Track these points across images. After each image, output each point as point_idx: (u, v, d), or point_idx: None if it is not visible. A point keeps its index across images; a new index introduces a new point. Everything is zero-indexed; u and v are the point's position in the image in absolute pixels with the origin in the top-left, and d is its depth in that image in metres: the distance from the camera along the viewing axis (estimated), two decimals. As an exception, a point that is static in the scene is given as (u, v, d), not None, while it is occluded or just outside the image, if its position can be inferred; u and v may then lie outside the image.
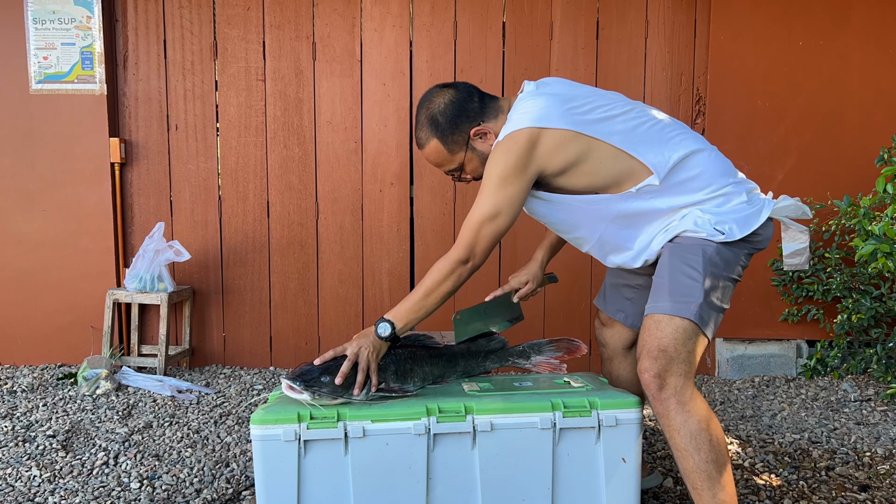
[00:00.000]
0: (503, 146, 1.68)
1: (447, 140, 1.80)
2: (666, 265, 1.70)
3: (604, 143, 1.68)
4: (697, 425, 1.57)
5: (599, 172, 1.70)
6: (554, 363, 2.00)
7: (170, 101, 3.59)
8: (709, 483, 1.57)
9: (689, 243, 1.69)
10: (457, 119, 1.79)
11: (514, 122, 1.69)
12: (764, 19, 3.40)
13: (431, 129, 1.81)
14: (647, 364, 1.60)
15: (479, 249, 1.70)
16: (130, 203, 3.62)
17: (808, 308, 3.46)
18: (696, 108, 3.54)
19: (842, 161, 3.42)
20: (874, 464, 2.42)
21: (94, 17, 3.45)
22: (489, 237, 1.69)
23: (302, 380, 1.64)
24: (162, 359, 3.39)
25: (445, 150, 1.82)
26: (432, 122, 1.80)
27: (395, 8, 3.55)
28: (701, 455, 1.57)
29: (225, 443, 2.61)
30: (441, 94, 1.82)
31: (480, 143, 1.81)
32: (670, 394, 1.58)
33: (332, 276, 3.66)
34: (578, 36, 3.55)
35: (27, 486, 2.22)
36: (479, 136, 1.80)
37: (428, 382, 1.85)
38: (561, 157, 1.68)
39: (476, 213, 1.68)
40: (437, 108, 1.80)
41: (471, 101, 1.81)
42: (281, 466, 1.63)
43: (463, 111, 1.79)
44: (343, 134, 3.61)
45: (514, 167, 1.66)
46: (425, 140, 1.83)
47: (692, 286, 1.63)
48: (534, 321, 3.63)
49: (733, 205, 1.71)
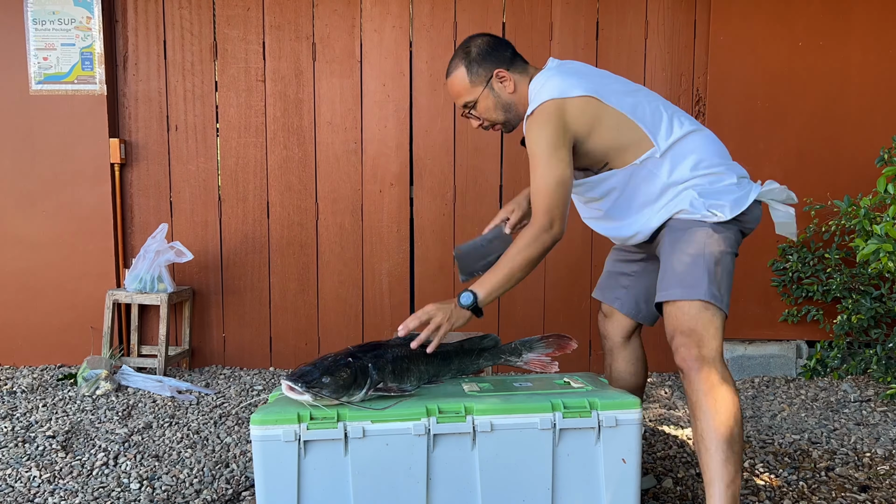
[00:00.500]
0: (536, 119, 1.81)
1: (472, 70, 1.93)
2: (668, 252, 1.82)
3: (615, 110, 1.83)
4: (726, 394, 1.67)
5: (611, 137, 1.85)
6: (545, 360, 2.01)
7: (170, 102, 3.59)
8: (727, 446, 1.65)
9: (685, 225, 1.82)
10: (487, 55, 1.92)
11: (540, 96, 1.82)
12: (764, 20, 3.40)
13: (462, 57, 1.94)
14: (683, 340, 1.72)
15: (558, 213, 1.78)
16: (130, 204, 3.62)
17: (807, 308, 3.46)
18: (696, 108, 3.54)
19: (842, 161, 3.42)
20: (874, 464, 2.42)
21: (94, 17, 3.45)
22: (563, 199, 1.78)
23: (303, 381, 1.64)
24: (162, 359, 3.39)
25: (468, 80, 1.93)
26: (465, 51, 1.94)
27: (395, 8, 3.55)
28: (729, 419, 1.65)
29: (225, 443, 2.61)
30: (482, 35, 1.98)
31: (500, 85, 1.93)
32: (710, 368, 1.68)
33: (331, 277, 3.66)
34: (578, 37, 3.55)
35: (27, 487, 2.22)
36: (501, 79, 1.92)
37: (424, 381, 1.86)
38: (585, 119, 1.82)
39: (541, 182, 1.79)
40: (473, 42, 1.95)
41: (504, 49, 1.95)
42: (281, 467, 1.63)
43: (495, 51, 1.94)
44: (343, 134, 3.61)
45: (556, 132, 1.79)
46: (454, 67, 1.96)
47: (698, 268, 1.75)
48: (534, 321, 3.63)
49: (724, 185, 1.84)
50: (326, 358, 1.73)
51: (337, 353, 1.77)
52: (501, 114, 1.96)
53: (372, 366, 1.74)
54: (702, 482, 2.26)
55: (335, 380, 1.66)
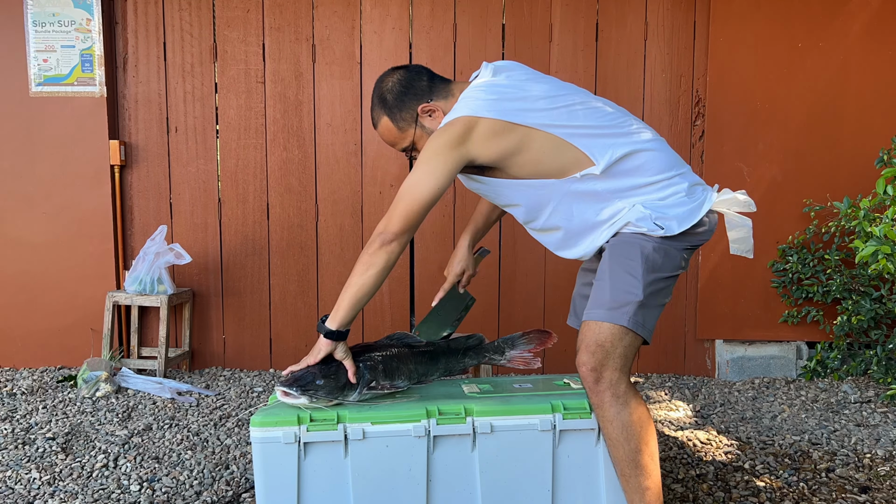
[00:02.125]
0: (439, 130, 1.71)
1: (395, 117, 1.83)
2: (606, 268, 1.72)
3: (545, 133, 1.70)
4: (629, 417, 1.63)
5: (544, 161, 1.72)
6: (528, 357, 2.01)
7: (169, 104, 3.59)
8: (636, 471, 1.64)
9: (629, 241, 1.72)
10: (404, 96, 1.82)
11: (454, 111, 1.72)
12: (763, 21, 3.41)
13: (381, 106, 1.84)
14: (585, 358, 1.66)
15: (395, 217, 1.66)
16: (130, 205, 3.62)
17: (807, 310, 3.46)
18: (696, 109, 3.54)
19: (841, 163, 3.43)
20: (874, 465, 2.42)
21: (94, 19, 3.45)
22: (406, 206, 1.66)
23: (298, 385, 1.65)
24: (162, 361, 3.39)
25: (395, 128, 1.84)
26: (381, 100, 1.84)
27: (395, 10, 3.55)
28: (630, 445, 1.63)
29: (225, 445, 2.61)
30: (391, 74, 1.86)
31: (430, 120, 1.82)
32: (605, 387, 1.64)
33: (331, 278, 3.66)
34: (578, 38, 3.55)
35: (27, 489, 2.22)
36: (428, 112, 1.82)
37: (413, 381, 1.85)
38: (496, 146, 1.70)
39: (404, 185, 1.69)
40: (385, 86, 1.84)
41: (419, 80, 1.84)
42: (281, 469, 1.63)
43: (410, 88, 1.83)
44: (343, 136, 3.61)
45: (444, 146, 1.68)
46: (377, 118, 1.86)
47: (630, 291, 1.67)
48: (533, 322, 3.63)
49: (675, 198, 1.73)
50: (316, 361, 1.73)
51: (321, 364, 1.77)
52: None
53: (363, 366, 1.75)
54: (702, 483, 2.27)
55: (329, 382, 1.68)
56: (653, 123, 3.54)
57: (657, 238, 1.70)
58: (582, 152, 1.71)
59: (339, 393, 1.69)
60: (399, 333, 1.96)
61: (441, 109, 1.81)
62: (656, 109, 3.55)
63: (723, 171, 3.44)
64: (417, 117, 1.82)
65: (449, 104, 1.81)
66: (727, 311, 3.53)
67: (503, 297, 3.64)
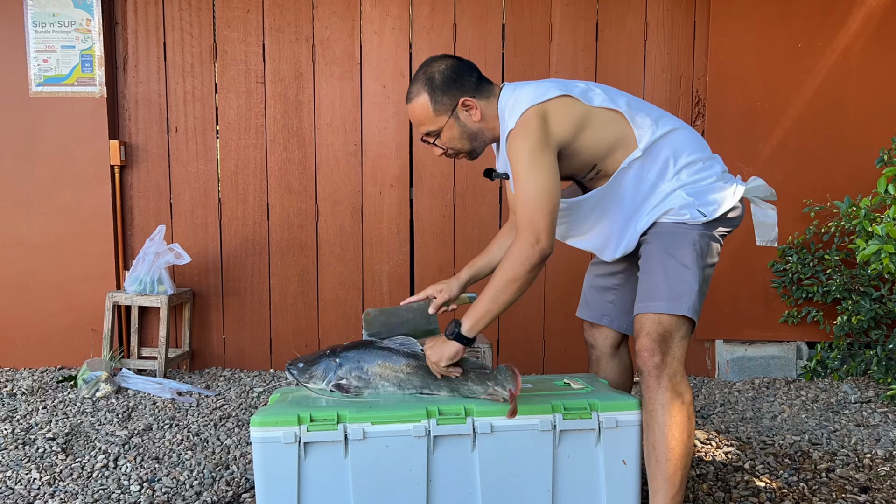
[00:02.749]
0: (518, 132, 1.72)
1: (436, 99, 1.80)
2: (656, 258, 1.76)
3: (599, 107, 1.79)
4: (682, 407, 1.69)
5: (600, 137, 1.79)
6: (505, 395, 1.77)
7: (170, 104, 3.59)
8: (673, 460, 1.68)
9: (675, 232, 1.77)
10: (452, 82, 1.81)
11: (518, 108, 1.74)
12: (763, 21, 3.41)
13: (426, 84, 1.81)
14: (647, 343, 1.70)
15: (543, 225, 1.66)
16: (130, 205, 3.62)
17: (807, 310, 3.46)
18: (696, 109, 3.54)
19: (841, 162, 3.43)
20: (874, 465, 2.42)
21: (94, 19, 3.45)
22: (547, 212, 1.67)
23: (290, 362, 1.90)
24: (162, 361, 3.39)
25: (431, 109, 1.81)
26: (428, 78, 1.81)
27: (395, 10, 3.55)
28: (675, 432, 1.67)
29: (225, 445, 2.61)
30: (444, 59, 1.85)
31: (465, 114, 1.82)
32: (666, 374, 1.69)
33: (331, 279, 3.66)
34: (578, 38, 3.55)
35: (27, 489, 2.22)
36: (466, 107, 1.82)
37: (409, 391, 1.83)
38: (569, 121, 1.75)
39: (525, 197, 1.69)
40: (437, 67, 1.82)
41: (470, 74, 1.84)
42: (281, 469, 1.63)
43: (460, 78, 1.82)
44: (343, 136, 3.61)
45: (538, 143, 1.70)
46: (416, 94, 1.83)
47: (686, 281, 1.73)
48: (535, 323, 3.63)
49: (711, 182, 1.81)
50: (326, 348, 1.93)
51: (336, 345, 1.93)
52: (467, 143, 1.86)
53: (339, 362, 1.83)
54: (702, 483, 2.26)
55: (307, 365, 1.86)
56: (653, 123, 3.55)
57: (700, 225, 1.76)
58: (630, 128, 1.79)
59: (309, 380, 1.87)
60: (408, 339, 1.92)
61: (480, 109, 1.82)
62: (656, 109, 3.55)
63: (723, 171, 3.44)
64: (456, 108, 1.81)
65: (489, 106, 1.83)
66: (727, 311, 3.53)
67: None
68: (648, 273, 1.77)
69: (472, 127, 1.83)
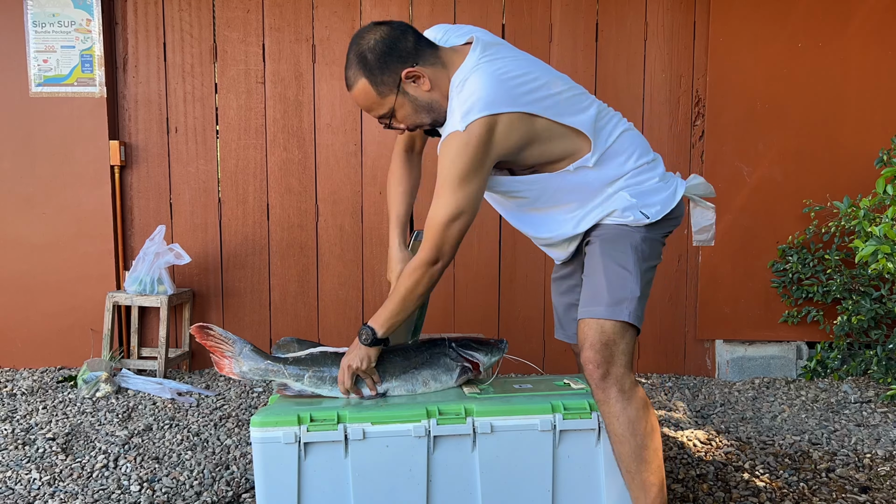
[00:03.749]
0: (459, 141, 1.58)
1: (376, 80, 1.65)
2: (598, 263, 1.72)
3: (551, 121, 1.65)
4: (635, 413, 1.64)
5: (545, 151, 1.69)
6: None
7: (169, 104, 3.59)
8: (641, 466, 1.64)
9: (617, 234, 1.72)
10: (387, 57, 1.64)
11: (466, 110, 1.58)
12: (763, 21, 3.41)
13: (360, 67, 1.65)
14: (591, 355, 1.64)
15: (447, 249, 1.65)
16: (130, 206, 3.62)
17: (808, 310, 3.46)
18: (696, 110, 3.54)
19: (841, 163, 3.43)
20: (874, 465, 2.42)
21: (94, 19, 3.45)
22: (454, 236, 1.64)
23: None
24: (162, 361, 3.39)
25: (374, 92, 1.66)
26: (361, 60, 1.65)
27: (395, 10, 3.55)
28: (636, 440, 1.63)
29: (225, 445, 2.61)
30: (373, 30, 1.67)
31: (413, 87, 1.67)
32: (612, 382, 1.64)
33: (331, 279, 3.66)
34: (578, 38, 3.55)
35: (27, 489, 2.22)
36: (412, 78, 1.66)
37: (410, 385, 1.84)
38: (517, 139, 1.63)
39: (438, 215, 1.62)
40: (366, 44, 1.65)
41: (404, 40, 1.66)
42: (281, 469, 1.63)
43: (394, 49, 1.64)
44: (343, 136, 3.61)
45: (473, 163, 1.59)
46: (353, 79, 1.67)
47: (628, 287, 1.67)
48: (535, 323, 3.63)
49: (652, 182, 1.75)
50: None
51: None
52: (426, 116, 1.71)
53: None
54: (702, 483, 2.26)
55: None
56: (653, 123, 3.55)
57: (642, 228, 1.72)
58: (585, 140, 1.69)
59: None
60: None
61: (427, 77, 1.66)
62: (656, 109, 3.55)
63: (723, 171, 3.44)
64: (400, 83, 1.65)
65: (438, 73, 1.67)
66: (727, 311, 3.53)
67: (503, 297, 3.63)
68: (591, 276, 1.72)
69: (424, 98, 1.68)
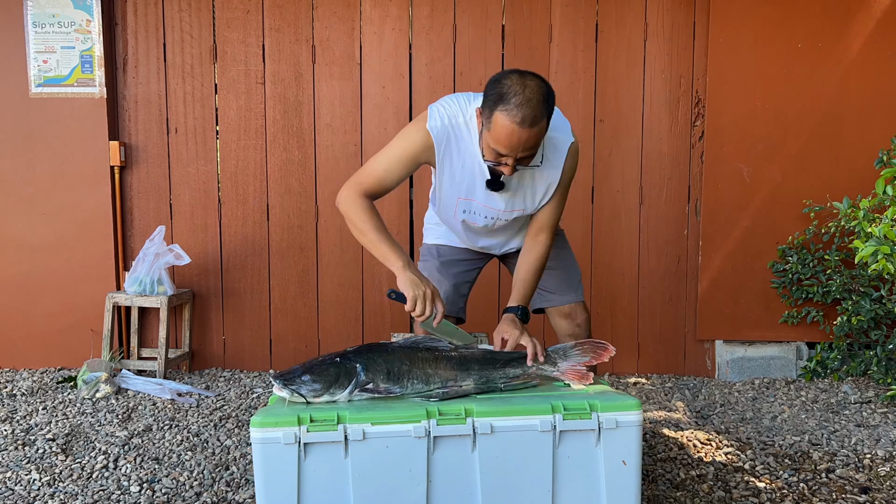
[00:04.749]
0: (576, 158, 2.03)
1: (547, 122, 1.77)
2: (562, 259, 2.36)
3: None
4: None
5: None
6: (581, 370, 1.90)
7: (169, 105, 3.59)
8: None
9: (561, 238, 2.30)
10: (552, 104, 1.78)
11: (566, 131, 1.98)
12: (763, 21, 3.41)
13: (545, 107, 1.73)
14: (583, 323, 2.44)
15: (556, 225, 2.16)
16: (130, 206, 3.62)
17: (807, 310, 3.46)
18: (696, 110, 3.54)
19: (841, 163, 3.43)
20: (874, 466, 2.42)
21: (94, 20, 3.45)
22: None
23: (283, 378, 1.69)
24: (162, 362, 3.39)
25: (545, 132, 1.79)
26: (548, 101, 1.73)
27: (395, 11, 3.55)
28: None
29: (225, 446, 2.61)
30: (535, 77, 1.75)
31: None
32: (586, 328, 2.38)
33: (331, 279, 3.66)
34: (577, 38, 3.55)
35: (27, 490, 2.22)
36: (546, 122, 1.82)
37: (437, 385, 1.80)
38: None
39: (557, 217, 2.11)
40: (547, 89, 1.74)
41: None
42: (281, 469, 1.63)
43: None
44: (343, 137, 3.61)
45: None
46: (538, 119, 1.72)
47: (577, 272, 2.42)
48: (535, 323, 3.62)
49: None
50: (318, 358, 1.76)
51: (334, 353, 1.79)
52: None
53: (360, 366, 1.74)
54: (702, 483, 2.26)
55: (315, 378, 1.69)
56: (652, 124, 3.55)
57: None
58: None
59: (325, 391, 1.70)
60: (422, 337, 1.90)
61: None
62: (656, 110, 3.55)
63: (723, 171, 3.45)
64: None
65: None
66: (727, 311, 3.53)
67: (503, 297, 3.63)
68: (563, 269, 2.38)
69: None
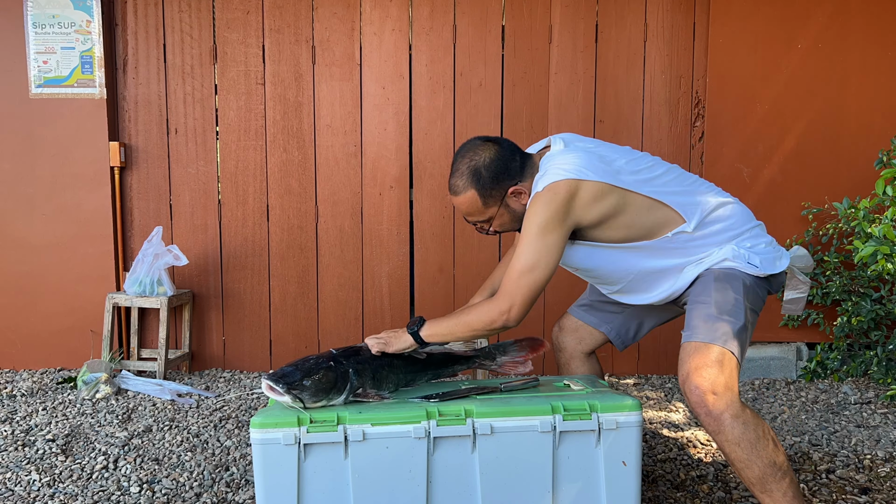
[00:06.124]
0: (543, 197, 1.72)
1: (485, 193, 1.82)
2: (711, 291, 1.78)
3: (639, 194, 1.78)
4: (752, 433, 1.64)
5: (636, 224, 1.80)
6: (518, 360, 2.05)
7: (169, 105, 3.59)
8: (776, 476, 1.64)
9: (728, 272, 1.80)
10: (500, 175, 1.81)
11: (553, 174, 1.73)
12: (763, 22, 3.41)
13: (472, 179, 1.81)
14: (699, 382, 1.66)
15: (519, 300, 1.74)
16: (130, 207, 3.62)
17: (807, 311, 3.46)
18: (695, 111, 3.54)
19: (840, 164, 3.43)
20: (875, 466, 2.42)
21: (94, 21, 3.45)
22: (528, 286, 1.73)
23: (284, 382, 1.67)
24: (161, 363, 3.39)
25: (480, 203, 1.83)
26: (475, 174, 1.81)
27: (395, 11, 3.55)
28: (763, 459, 1.64)
29: (225, 446, 2.61)
30: (486, 147, 1.83)
31: (514, 201, 1.84)
32: (723, 409, 1.64)
33: (331, 280, 3.66)
34: (577, 39, 3.55)
35: (27, 491, 2.22)
36: (515, 194, 1.83)
37: (401, 386, 1.90)
38: (598, 209, 1.76)
39: (516, 265, 1.74)
40: (482, 160, 1.81)
41: (514, 160, 1.83)
42: (281, 470, 1.63)
43: (506, 169, 1.82)
44: (343, 137, 3.61)
45: (554, 218, 1.72)
46: (462, 189, 1.83)
47: (737, 317, 1.73)
48: (535, 323, 3.63)
49: (761, 247, 1.85)
50: (308, 360, 1.76)
51: (319, 355, 1.80)
52: (518, 223, 1.87)
53: (353, 371, 1.76)
54: (702, 483, 2.26)
55: (316, 383, 1.69)
56: (652, 124, 3.55)
57: (751, 275, 1.79)
58: (674, 210, 1.79)
59: (324, 396, 1.70)
60: None
61: (527, 191, 1.83)
62: (656, 110, 3.55)
63: (723, 172, 3.45)
64: (505, 197, 1.83)
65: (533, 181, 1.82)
66: (727, 312, 3.53)
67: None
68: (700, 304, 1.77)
69: (521, 210, 1.84)
